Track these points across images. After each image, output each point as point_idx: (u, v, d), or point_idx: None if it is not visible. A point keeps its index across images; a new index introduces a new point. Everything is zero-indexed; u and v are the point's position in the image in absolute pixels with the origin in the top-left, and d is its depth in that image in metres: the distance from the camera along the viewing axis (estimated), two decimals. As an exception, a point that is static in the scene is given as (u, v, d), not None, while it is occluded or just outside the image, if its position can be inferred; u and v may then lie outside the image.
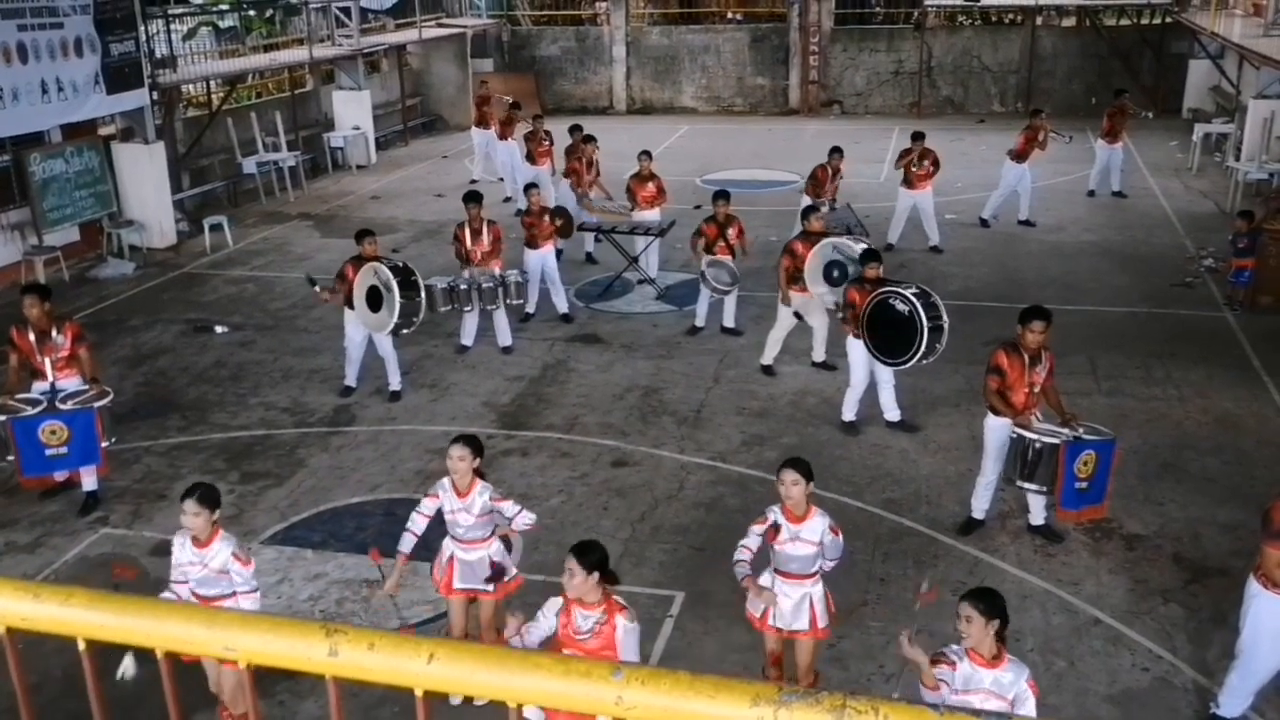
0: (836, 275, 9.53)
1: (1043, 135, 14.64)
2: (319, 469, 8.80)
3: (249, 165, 17.81)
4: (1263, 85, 16.75)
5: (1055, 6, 24.23)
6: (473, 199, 10.82)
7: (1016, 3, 24.25)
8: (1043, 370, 7.12)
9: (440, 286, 10.47)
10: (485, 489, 5.73)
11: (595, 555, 4.70)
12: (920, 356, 8.39)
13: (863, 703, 1.17)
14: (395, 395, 10.02)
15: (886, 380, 9.03)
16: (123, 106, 14.58)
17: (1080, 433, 6.97)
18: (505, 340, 11.08)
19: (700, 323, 11.56)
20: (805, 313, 10.10)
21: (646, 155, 13.13)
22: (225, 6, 20.87)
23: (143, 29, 14.98)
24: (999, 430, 7.23)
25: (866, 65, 25.21)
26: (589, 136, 14.24)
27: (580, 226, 13.12)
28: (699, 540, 7.58)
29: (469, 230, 10.75)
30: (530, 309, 11.84)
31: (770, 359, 10.43)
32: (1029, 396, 7.11)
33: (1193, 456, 8.66)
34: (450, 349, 11.18)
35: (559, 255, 12.09)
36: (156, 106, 15.32)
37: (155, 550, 7.45)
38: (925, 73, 24.77)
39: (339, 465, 8.86)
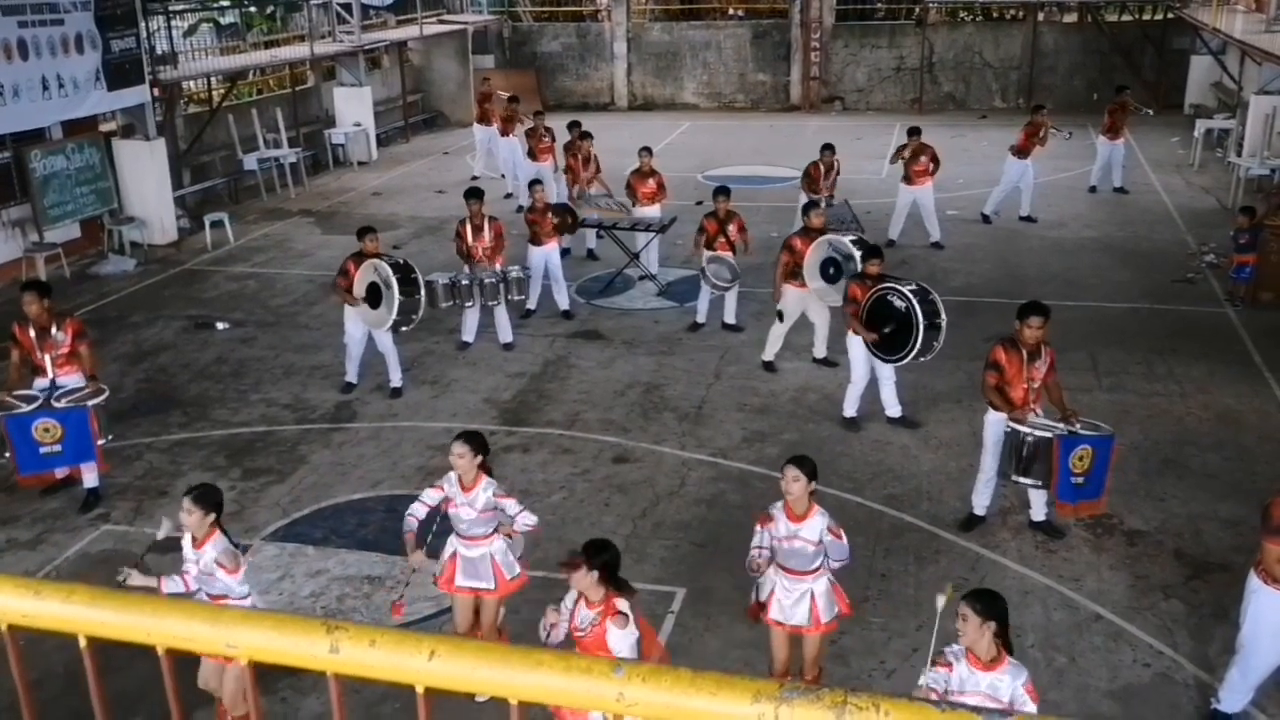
0: (832, 272, 9.56)
1: (1044, 131, 14.63)
2: (320, 465, 8.81)
3: (250, 162, 17.80)
4: (1264, 81, 16.73)
5: (1057, 2, 24.22)
6: (474, 195, 10.82)
7: (1018, -2, 24.28)
8: (1042, 366, 7.12)
9: (442, 282, 10.48)
10: (490, 485, 5.74)
11: (602, 555, 4.72)
12: (916, 354, 8.40)
13: (864, 699, 1.17)
14: (396, 392, 10.03)
15: (887, 376, 9.03)
16: (123, 103, 14.57)
17: (1077, 428, 6.97)
18: (506, 337, 11.08)
19: (701, 319, 11.56)
20: (806, 309, 10.11)
21: (647, 151, 13.12)
22: (226, 3, 20.84)
23: (143, 25, 14.98)
24: (998, 426, 7.24)
25: (868, 61, 25.18)
26: (585, 133, 14.23)
27: (582, 223, 13.11)
28: (700, 536, 7.59)
29: (470, 227, 10.75)
30: (532, 305, 11.84)
31: (771, 355, 10.44)
32: (1027, 392, 7.11)
33: (1194, 452, 8.66)
34: (451, 345, 11.17)
35: (565, 254, 12.07)
36: (157, 103, 15.32)
37: (156, 547, 7.44)
38: (927, 69, 24.73)
39: (340, 462, 8.86)
